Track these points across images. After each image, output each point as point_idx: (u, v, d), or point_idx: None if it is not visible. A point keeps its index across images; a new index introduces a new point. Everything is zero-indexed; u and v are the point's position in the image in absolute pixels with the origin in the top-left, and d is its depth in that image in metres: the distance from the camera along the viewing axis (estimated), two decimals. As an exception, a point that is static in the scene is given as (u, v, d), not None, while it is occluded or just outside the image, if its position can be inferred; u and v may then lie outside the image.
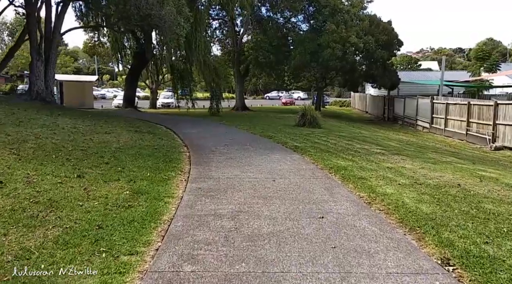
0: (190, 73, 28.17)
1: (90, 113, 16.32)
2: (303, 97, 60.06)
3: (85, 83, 34.95)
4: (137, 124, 13.79)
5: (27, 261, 3.33)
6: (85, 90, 34.50)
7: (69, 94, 33.48)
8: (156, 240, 4.02)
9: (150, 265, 3.44)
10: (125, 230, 4.15)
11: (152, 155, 8.34)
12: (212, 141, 11.31)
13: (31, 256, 3.42)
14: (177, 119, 19.70)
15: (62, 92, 33.69)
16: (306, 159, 8.88)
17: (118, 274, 3.24)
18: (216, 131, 13.97)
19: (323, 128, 19.40)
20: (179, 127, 14.87)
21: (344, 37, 27.88)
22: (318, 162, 8.41)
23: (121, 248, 3.72)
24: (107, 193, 5.39)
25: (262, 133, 13.67)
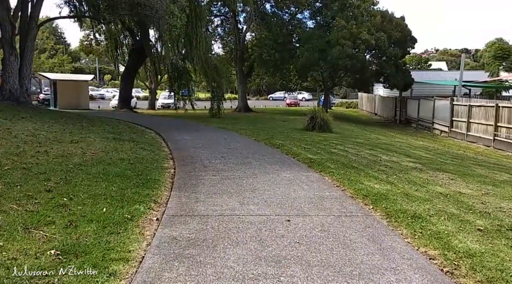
0: (188, 71, 25.98)
1: (72, 115, 14.17)
2: (307, 98, 57.77)
3: (80, 83, 32.83)
4: (120, 129, 11.62)
5: None
6: (80, 90, 32.38)
7: (63, 94, 31.42)
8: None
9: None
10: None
11: (122, 175, 6.14)
12: (206, 151, 9.11)
13: None
14: (172, 122, 17.52)
15: (56, 92, 31.70)
16: (327, 179, 6.65)
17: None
18: (213, 137, 11.77)
19: (334, 132, 17.20)
20: (171, 132, 12.69)
21: (355, 33, 25.63)
22: (344, 185, 6.18)
23: None
24: (14, 258, 3.19)
25: (267, 140, 11.45)
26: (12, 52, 13.25)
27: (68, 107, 30.34)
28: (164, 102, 40.25)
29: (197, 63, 23.34)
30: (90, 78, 36.38)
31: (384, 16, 27.91)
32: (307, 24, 32.36)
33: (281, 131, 16.04)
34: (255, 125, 19.44)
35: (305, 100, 56.21)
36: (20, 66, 13.63)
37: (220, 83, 27.59)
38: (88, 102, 33.16)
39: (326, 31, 28.61)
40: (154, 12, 13.40)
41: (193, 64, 24.33)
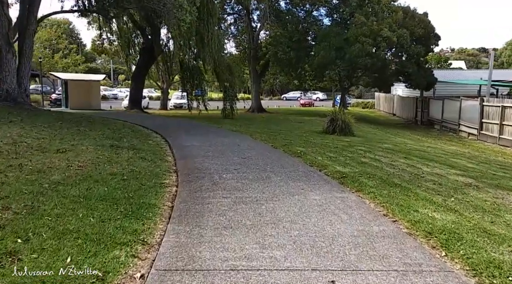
0: (200, 71, 24.64)
1: (73, 117, 12.92)
2: (322, 98, 56.05)
3: (91, 83, 31.84)
4: (122, 133, 10.29)
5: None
6: (91, 90, 31.42)
7: (74, 94, 30.50)
8: None
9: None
10: None
11: (109, 198, 4.76)
12: (217, 160, 7.69)
13: None
14: (181, 123, 16.17)
15: (67, 92, 30.77)
16: (368, 203, 5.16)
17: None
18: (225, 142, 10.35)
19: (357, 136, 15.65)
20: (179, 136, 11.31)
21: (375, 30, 23.94)
22: (394, 213, 4.69)
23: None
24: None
25: (286, 146, 9.97)
26: (9, 49, 12.07)
27: (79, 107, 29.37)
28: (176, 102, 39.09)
29: (209, 62, 21.98)
30: (102, 78, 35.37)
31: (406, 12, 26.13)
32: (323, 21, 30.78)
33: (299, 135, 14.56)
34: (270, 128, 17.98)
35: (319, 100, 54.54)
36: (19, 65, 12.46)
37: (233, 83, 26.24)
38: (100, 102, 32.17)
39: (344, 28, 26.97)
40: (161, 6, 12.11)
41: (205, 63, 22.97)
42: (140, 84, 26.75)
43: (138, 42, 28.13)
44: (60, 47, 46.92)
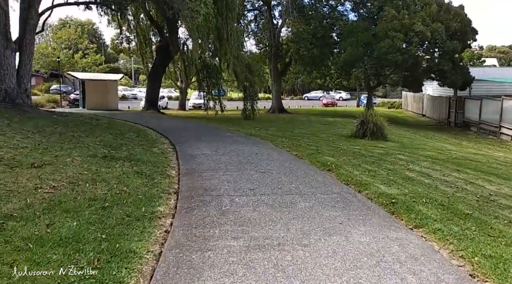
0: (218, 69, 23.32)
1: (72, 120, 11.74)
2: (345, 97, 53.94)
3: (108, 82, 31.03)
4: (124, 139, 8.98)
5: None
6: (108, 90, 30.60)
7: (91, 94, 29.76)
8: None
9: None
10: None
11: (73, 241, 3.39)
12: (230, 176, 6.24)
13: None
14: (196, 126, 14.83)
15: (84, 92, 30.08)
16: (439, 251, 3.59)
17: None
18: (241, 150, 8.89)
19: (390, 140, 13.95)
20: (190, 142, 9.93)
21: (407, 24, 22.00)
22: (487, 276, 3.11)
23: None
24: None
25: (313, 156, 8.43)
26: (8, 45, 10.98)
27: (96, 108, 28.58)
28: (195, 103, 37.99)
29: (227, 60, 20.59)
30: (119, 77, 34.62)
31: (440, 5, 24.04)
32: (349, 17, 28.91)
33: (325, 139, 12.97)
34: (293, 131, 16.44)
35: (342, 99, 52.49)
36: (19, 62, 11.39)
37: (253, 82, 24.83)
38: (117, 102, 31.33)
39: (372, 23, 25.10)
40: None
41: (223, 60, 21.62)
42: (156, 84, 25.65)
43: (156, 40, 27.10)
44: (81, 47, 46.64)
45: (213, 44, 20.98)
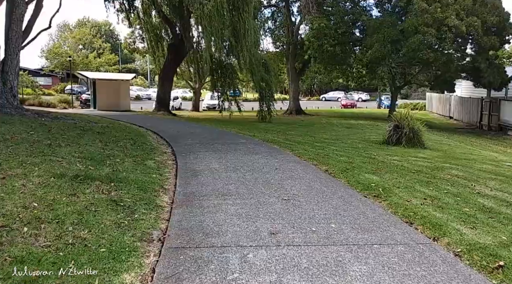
0: (233, 68, 21.61)
1: (67, 121, 10.14)
2: (364, 98, 51.59)
3: (120, 82, 29.69)
4: (115, 149, 7.27)
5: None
6: (120, 90, 29.28)
7: (102, 94, 28.50)
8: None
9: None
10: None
11: None
12: (242, 207, 4.47)
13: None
14: (207, 130, 13.09)
15: (95, 93, 28.81)
16: None
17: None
18: (258, 164, 7.09)
19: (428, 147, 11.96)
20: (197, 151, 8.19)
21: (440, 18, 19.84)
22: None
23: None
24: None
25: (348, 172, 6.57)
26: (-10, 37, 9.53)
27: (107, 108, 27.27)
28: (209, 103, 36.45)
29: (243, 58, 18.81)
30: (131, 77, 33.26)
31: (476, -3, 21.74)
32: (371, 13, 26.80)
33: (354, 147, 11.06)
34: (315, 135, 14.56)
35: (361, 100, 50.14)
36: (3, 58, 9.88)
37: (270, 82, 23.04)
38: (129, 103, 29.99)
39: (399, 18, 22.99)
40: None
41: (238, 58, 19.89)
42: (167, 84, 24.10)
43: (168, 38, 25.55)
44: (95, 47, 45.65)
45: (228, 40, 19.25)
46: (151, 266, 3.00)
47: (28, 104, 31.11)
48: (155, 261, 3.09)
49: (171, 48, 23.31)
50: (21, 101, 33.40)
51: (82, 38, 43.93)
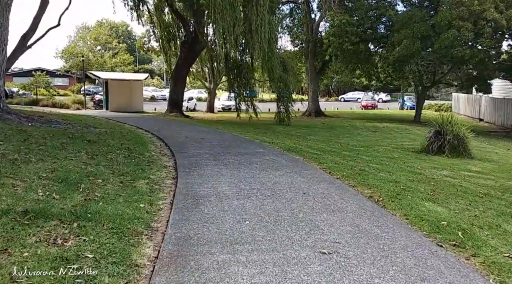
0: (249, 68, 20.07)
1: (54, 127, 8.75)
2: (385, 99, 49.27)
3: (133, 82, 28.54)
4: (101, 163, 5.79)
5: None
6: (133, 91, 28.13)
7: (115, 95, 27.36)
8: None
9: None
10: None
11: None
12: (259, 276, 2.87)
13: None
14: (219, 136, 11.53)
15: (108, 93, 27.71)
16: None
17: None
18: (279, 187, 5.50)
19: (476, 157, 10.16)
20: (204, 164, 6.66)
21: (477, 11, 17.81)
22: None
23: None
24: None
25: (401, 199, 4.91)
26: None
27: (119, 109, 26.14)
28: (224, 104, 34.99)
29: (258, 55, 17.24)
30: (144, 77, 32.09)
31: (516, -12, 19.58)
32: (397, 8, 24.82)
33: (390, 157, 9.35)
34: (340, 141, 12.88)
35: (382, 101, 47.85)
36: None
37: (288, 82, 21.41)
38: (142, 104, 28.80)
39: (429, 12, 21.02)
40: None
41: (253, 56, 18.34)
42: (180, 84, 22.72)
43: (180, 35, 24.20)
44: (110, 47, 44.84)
45: (243, 36, 17.71)
46: None
47: (41, 104, 30.33)
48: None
49: (184, 46, 21.93)
50: (34, 101, 32.87)
51: (98, 38, 43.12)
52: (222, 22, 14.82)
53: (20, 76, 47.99)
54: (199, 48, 21.75)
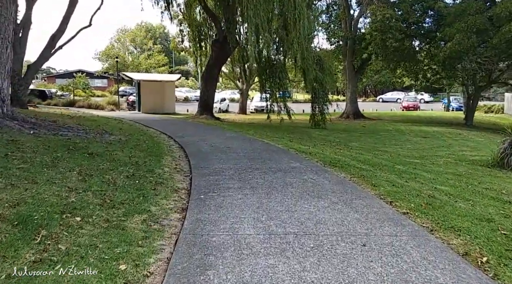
0: (283, 66, 18.51)
1: (59, 136, 7.61)
2: (427, 99, 45.97)
3: (164, 83, 27.76)
4: (93, 187, 4.48)
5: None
6: (165, 92, 27.36)
7: (147, 96, 26.69)
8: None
9: None
10: None
11: None
12: None
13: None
14: (248, 145, 10.01)
15: (140, 94, 27.06)
16: None
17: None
18: (325, 232, 3.93)
19: None
20: (226, 187, 5.17)
21: (546, -1, 15.23)
22: None
23: None
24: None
25: None
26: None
27: (151, 111, 25.42)
28: (257, 105, 33.52)
29: (296, 53, 15.57)
30: (176, 78, 31.27)
31: None
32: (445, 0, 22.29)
33: (458, 174, 7.47)
34: (388, 149, 11.04)
35: (424, 102, 44.64)
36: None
37: (324, 83, 19.68)
38: (174, 105, 27.98)
39: (485, 2, 18.50)
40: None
41: (286, 55, 16.74)
42: (211, 85, 21.45)
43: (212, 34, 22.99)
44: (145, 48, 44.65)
45: (277, 34, 16.15)
46: None
47: (78, 106, 30.21)
48: None
49: (215, 45, 20.65)
50: (71, 103, 32.87)
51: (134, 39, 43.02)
52: (255, 18, 13.32)
53: (62, 78, 49.06)
54: (231, 47, 20.40)
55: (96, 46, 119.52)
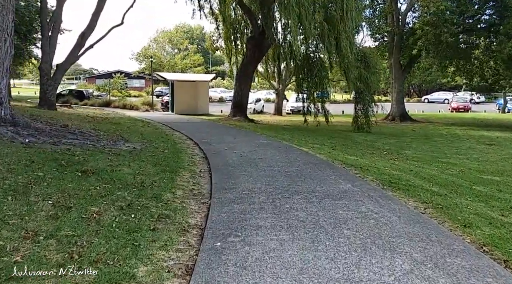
0: (323, 64, 16.78)
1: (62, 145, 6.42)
2: (477, 100, 42.13)
3: (198, 84, 26.74)
4: (72, 227, 3.16)
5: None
6: (198, 92, 26.34)
7: (180, 96, 25.78)
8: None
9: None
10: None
11: None
12: None
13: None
14: (284, 155, 8.41)
15: (173, 95, 26.22)
16: None
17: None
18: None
19: None
20: (251, 227, 3.70)
21: None
22: None
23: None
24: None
25: None
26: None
27: (184, 111, 24.47)
28: (293, 106, 31.85)
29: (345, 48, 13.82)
30: (210, 78, 30.24)
31: None
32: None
33: None
34: (450, 160, 9.10)
35: (474, 102, 40.89)
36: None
37: (369, 82, 17.74)
38: (207, 106, 26.95)
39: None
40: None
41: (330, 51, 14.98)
42: (245, 85, 20.08)
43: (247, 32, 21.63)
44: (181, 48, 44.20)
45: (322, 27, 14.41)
46: None
47: (113, 106, 29.89)
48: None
49: (250, 43, 19.26)
50: (107, 103, 32.68)
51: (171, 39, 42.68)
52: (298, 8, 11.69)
53: (102, 78, 49.80)
54: (267, 44, 18.89)
55: (133, 46, 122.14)
